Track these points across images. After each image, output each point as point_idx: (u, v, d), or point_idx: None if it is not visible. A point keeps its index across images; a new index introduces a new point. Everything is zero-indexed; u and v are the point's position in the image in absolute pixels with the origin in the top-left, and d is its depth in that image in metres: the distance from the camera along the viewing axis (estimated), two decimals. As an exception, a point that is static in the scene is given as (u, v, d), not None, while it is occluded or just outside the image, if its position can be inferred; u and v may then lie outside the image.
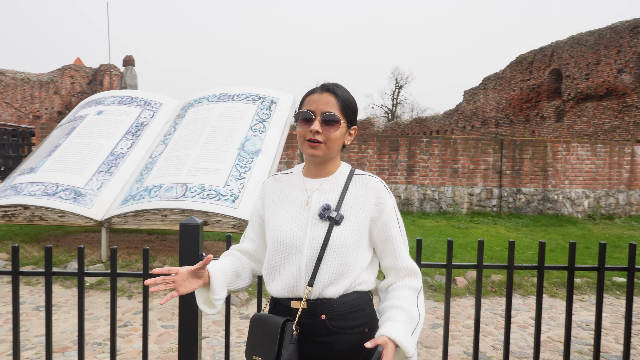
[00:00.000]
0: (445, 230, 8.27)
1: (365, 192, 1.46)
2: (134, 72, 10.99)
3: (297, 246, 1.42)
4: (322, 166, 1.49)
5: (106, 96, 7.45)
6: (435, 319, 4.46)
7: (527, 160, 10.51)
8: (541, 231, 8.77)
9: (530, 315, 4.62)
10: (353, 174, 1.51)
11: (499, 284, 5.46)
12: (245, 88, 6.82)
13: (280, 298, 1.46)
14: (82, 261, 2.03)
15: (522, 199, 10.54)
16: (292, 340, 1.36)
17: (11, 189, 6.02)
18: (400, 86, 42.88)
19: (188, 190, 5.41)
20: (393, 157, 10.34)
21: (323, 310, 1.40)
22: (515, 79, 19.18)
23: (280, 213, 1.49)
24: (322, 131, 1.41)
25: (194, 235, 1.87)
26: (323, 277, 1.40)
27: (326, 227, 1.42)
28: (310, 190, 1.49)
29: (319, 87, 1.47)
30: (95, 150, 6.35)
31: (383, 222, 1.45)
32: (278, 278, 1.46)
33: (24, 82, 23.32)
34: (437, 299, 4.98)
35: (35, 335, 3.85)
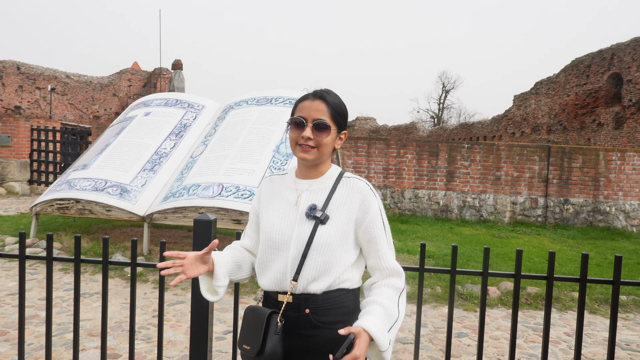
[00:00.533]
0: (484, 239, 8.08)
1: (351, 194, 1.53)
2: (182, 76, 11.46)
3: (285, 243, 1.52)
4: (312, 168, 1.58)
5: (154, 98, 7.83)
6: (462, 328, 4.40)
7: (577, 169, 10.07)
8: (589, 244, 8.39)
9: (564, 331, 4.46)
10: (342, 176, 1.58)
11: (534, 297, 5.29)
12: (283, 92, 6.99)
13: (269, 291, 1.56)
14: (135, 253, 2.19)
15: (569, 210, 10.11)
16: (276, 331, 1.44)
17: (66, 184, 6.46)
18: (447, 90, 42.05)
19: (224, 189, 5.61)
20: (432, 162, 10.20)
21: (307, 304, 1.48)
22: (570, 83, 18.37)
23: (272, 212, 1.58)
24: (313, 137, 1.49)
25: (207, 231, 1.99)
26: (307, 273, 1.48)
27: (312, 225, 1.50)
28: (300, 190, 1.57)
29: (310, 94, 1.54)
30: (141, 150, 6.70)
31: (367, 223, 1.51)
32: (267, 272, 1.55)
33: (86, 85, 24.77)
34: (467, 308, 4.91)
35: (80, 320, 4.15)
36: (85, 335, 3.85)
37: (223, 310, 4.53)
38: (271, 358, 1.43)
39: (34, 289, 4.93)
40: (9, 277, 5.27)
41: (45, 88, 23.04)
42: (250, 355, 1.46)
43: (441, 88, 42.45)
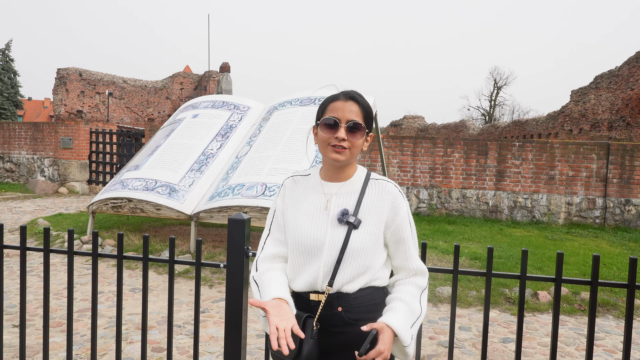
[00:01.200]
0: (536, 241, 7.75)
1: (381, 196, 1.54)
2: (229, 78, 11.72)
3: (317, 248, 1.51)
4: (341, 170, 1.56)
5: (202, 101, 8.07)
6: (509, 333, 4.24)
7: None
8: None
9: (621, 340, 4.21)
10: (369, 178, 1.58)
11: (587, 302, 5.03)
12: (326, 92, 7.00)
13: (301, 292, 1.56)
14: (173, 250, 2.27)
15: (632, 211, 9.51)
16: (312, 335, 1.45)
17: (119, 184, 6.78)
18: (500, 87, 40.63)
19: (267, 189, 5.70)
20: (481, 161, 9.88)
21: (340, 302, 1.50)
22: (635, 76, 17.28)
23: (300, 215, 1.56)
24: (347, 138, 1.48)
25: (241, 230, 2.02)
26: (342, 278, 1.50)
27: (345, 231, 1.50)
28: (328, 194, 1.56)
29: (341, 95, 1.53)
30: (189, 151, 6.92)
31: (397, 225, 1.53)
32: (300, 276, 1.55)
33: (141, 89, 25.88)
34: (514, 313, 4.73)
35: (128, 314, 4.34)
36: (134, 328, 4.02)
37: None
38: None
39: (89, 284, 5.21)
40: (64, 272, 5.60)
41: (104, 93, 24.28)
42: (286, 358, 1.45)
43: (493, 84, 41.12)
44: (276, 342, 1.32)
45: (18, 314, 4.20)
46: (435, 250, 6.63)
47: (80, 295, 4.81)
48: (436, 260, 6.18)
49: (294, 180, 1.66)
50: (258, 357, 3.54)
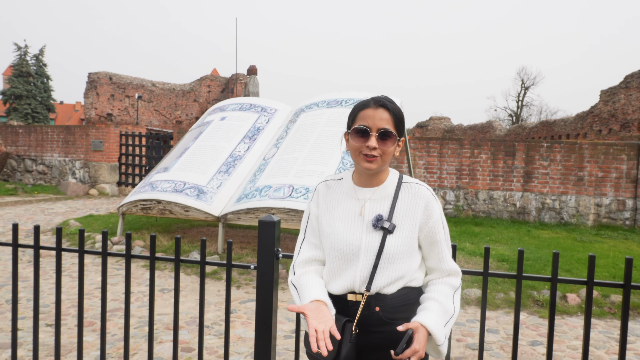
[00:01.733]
0: (564, 243, 7.61)
1: (414, 200, 1.56)
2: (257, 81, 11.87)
3: (354, 253, 1.54)
4: (373, 176, 1.58)
5: (229, 103, 8.21)
6: (537, 335, 4.20)
7: (672, 168, 9.19)
8: (687, 251, 7.63)
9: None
10: (402, 182, 1.60)
11: (618, 306, 4.93)
12: (353, 93, 7.04)
13: (339, 294, 1.59)
14: (204, 252, 2.35)
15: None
16: (351, 339, 1.48)
17: (148, 186, 6.96)
18: (527, 87, 39.86)
19: (294, 191, 5.77)
20: (509, 162, 9.76)
21: (377, 303, 1.53)
22: (667, 75, 16.76)
23: (335, 221, 1.59)
24: (378, 146, 1.48)
25: (271, 232, 2.08)
26: (379, 282, 1.53)
27: (380, 236, 1.53)
28: (362, 200, 1.58)
29: (371, 102, 1.53)
30: (217, 153, 7.05)
31: (430, 227, 1.56)
32: (337, 280, 1.58)
33: (170, 92, 26.39)
34: (542, 315, 4.68)
35: (157, 314, 4.45)
36: (163, 328, 4.13)
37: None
38: None
39: (119, 284, 5.35)
40: (98, 272, 5.77)
41: (133, 96, 24.86)
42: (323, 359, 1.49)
43: (520, 85, 40.37)
44: (315, 344, 1.34)
45: (50, 313, 4.34)
46: (463, 252, 6.59)
47: (111, 296, 4.93)
48: (463, 262, 6.14)
49: (327, 185, 1.67)
50: (286, 358, 3.60)
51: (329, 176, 1.73)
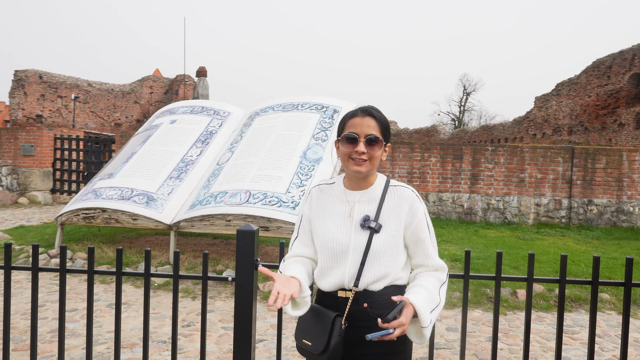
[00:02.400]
0: (509, 242, 7.98)
1: (399, 201, 1.68)
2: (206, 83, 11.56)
3: (343, 252, 1.66)
4: (362, 180, 1.70)
5: (179, 106, 7.92)
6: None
7: (600, 169, 9.91)
8: (614, 244, 8.22)
9: (596, 332, 4.39)
10: (389, 185, 1.72)
11: (565, 301, 5.21)
12: (309, 97, 7.01)
13: (329, 291, 1.70)
14: (149, 263, 2.22)
15: (593, 211, 9.94)
16: (340, 332, 1.60)
17: (92, 193, 6.56)
18: (468, 93, 41.71)
19: (251, 196, 5.64)
20: (457, 165, 10.12)
21: (365, 299, 1.64)
22: (592, 84, 18.09)
23: (327, 222, 1.71)
24: (366, 151, 1.62)
25: (250, 241, 2.00)
26: (366, 278, 1.64)
27: (367, 235, 1.64)
28: (352, 202, 1.70)
29: (359, 111, 1.67)
30: (167, 158, 6.77)
31: (415, 226, 1.67)
32: (327, 277, 1.69)
33: (108, 93, 25.19)
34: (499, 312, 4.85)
35: (107, 331, 4.15)
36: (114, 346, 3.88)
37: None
38: (334, 355, 1.58)
39: (57, 301, 4.96)
40: (38, 289, 5.35)
41: (67, 96, 23.49)
42: (313, 351, 1.62)
43: (462, 90, 42.15)
44: (273, 300, 1.46)
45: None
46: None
47: (52, 314, 4.52)
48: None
49: (320, 189, 1.80)
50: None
51: (322, 181, 1.84)
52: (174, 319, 2.22)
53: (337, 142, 1.71)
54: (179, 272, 2.22)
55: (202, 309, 2.18)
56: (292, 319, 4.55)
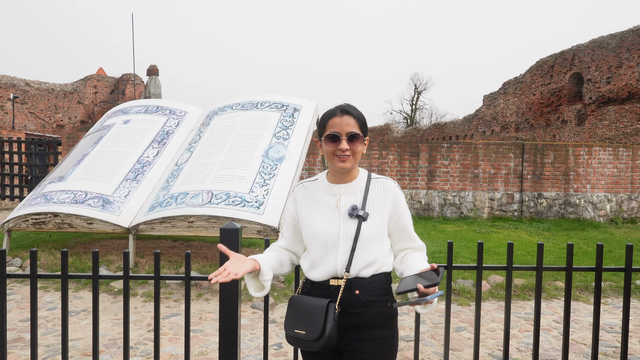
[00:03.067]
0: (467, 235, 8.24)
1: (383, 192, 1.79)
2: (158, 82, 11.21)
3: (334, 241, 1.73)
4: (347, 174, 1.80)
5: (132, 105, 7.64)
6: (460, 322, 4.47)
7: (549, 164, 10.42)
8: (563, 235, 8.68)
9: (553, 319, 4.61)
10: (371, 178, 1.83)
11: (521, 288, 5.44)
12: (269, 96, 6.94)
13: (321, 280, 1.75)
14: (97, 264, 2.14)
15: (543, 204, 10.44)
16: (334, 317, 1.66)
17: (41, 197, 6.21)
18: (420, 92, 42.74)
19: (214, 197, 5.52)
20: (414, 162, 10.35)
21: (357, 286, 1.72)
22: (536, 83, 19.01)
23: (315, 215, 1.78)
24: (349, 147, 1.72)
25: (234, 239, 1.96)
26: (358, 264, 1.71)
27: (356, 223, 1.73)
28: (337, 194, 1.79)
29: (337, 111, 1.75)
30: (122, 159, 6.51)
31: (399, 215, 1.80)
32: (319, 267, 1.75)
33: (48, 93, 23.93)
34: (460, 303, 4.99)
35: (69, 339, 3.97)
36: (79, 355, 3.70)
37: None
38: (330, 340, 1.63)
39: (13, 310, 4.71)
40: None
41: (2, 97, 22.13)
42: (308, 339, 1.64)
43: (413, 89, 43.11)
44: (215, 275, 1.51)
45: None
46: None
47: (7, 325, 4.32)
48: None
49: (304, 186, 1.88)
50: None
51: (305, 180, 1.92)
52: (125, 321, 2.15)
53: (320, 141, 1.81)
54: (129, 273, 2.14)
55: (155, 309, 2.10)
56: (261, 318, 4.49)
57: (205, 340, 3.98)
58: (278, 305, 4.87)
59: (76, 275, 2.20)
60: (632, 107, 14.95)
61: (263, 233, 5.34)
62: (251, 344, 3.91)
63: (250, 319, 4.49)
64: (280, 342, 3.93)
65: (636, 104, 14.83)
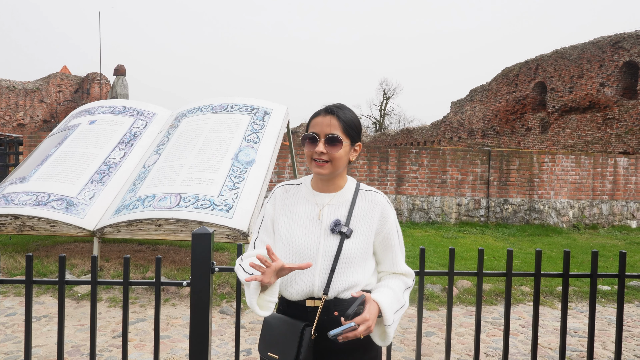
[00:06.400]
0: (435, 240, 8.37)
1: (371, 207, 1.61)
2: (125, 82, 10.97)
3: (311, 257, 1.56)
4: (330, 182, 1.62)
5: (99, 106, 7.44)
6: (428, 327, 4.52)
7: (514, 171, 10.72)
8: (528, 241, 8.93)
9: (519, 323, 4.71)
10: (359, 189, 1.65)
11: (488, 293, 5.55)
12: (239, 99, 6.88)
13: (296, 301, 1.60)
14: (64, 269, 2.07)
15: (509, 209, 10.72)
16: (310, 344, 1.51)
17: (2, 199, 5.97)
18: (388, 97, 43.26)
19: (182, 200, 5.43)
20: (383, 167, 10.45)
21: (336, 307, 1.55)
22: (501, 91, 19.53)
23: (293, 225, 1.61)
24: (326, 151, 1.53)
25: (206, 244, 1.92)
26: (337, 286, 1.56)
27: (337, 240, 1.56)
28: (321, 204, 1.61)
29: (322, 110, 1.58)
30: (87, 160, 6.33)
31: (385, 233, 1.61)
32: (294, 285, 1.59)
33: (8, 90, 23.06)
34: (429, 308, 5.06)
35: (33, 346, 3.81)
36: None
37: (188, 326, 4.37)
38: None
39: (-29, 316, 4.51)
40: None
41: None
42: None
43: (382, 95, 43.60)
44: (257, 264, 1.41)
45: None
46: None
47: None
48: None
49: (285, 189, 1.70)
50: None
51: (287, 181, 1.74)
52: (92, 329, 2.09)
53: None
54: (97, 278, 2.08)
55: (124, 315, 2.05)
56: (230, 323, 4.43)
57: (172, 346, 3.90)
58: (247, 311, 4.82)
59: (42, 280, 2.11)
60: (592, 116, 15.56)
61: (232, 237, 5.28)
62: (219, 350, 3.85)
63: (218, 324, 4.42)
64: (250, 348, 3.89)
65: (597, 113, 15.44)
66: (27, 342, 2.08)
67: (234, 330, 4.27)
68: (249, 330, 4.30)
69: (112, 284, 2.09)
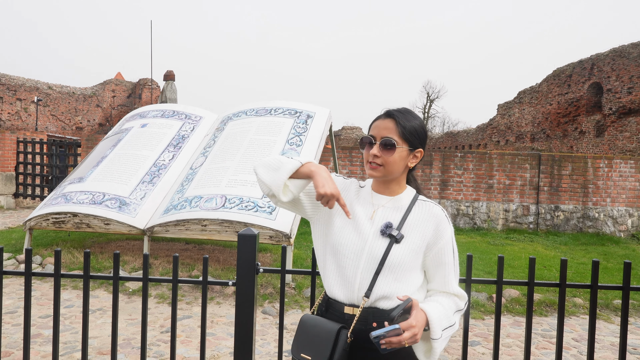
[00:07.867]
0: (480, 247, 8.16)
1: (427, 217, 1.55)
2: (174, 87, 11.37)
3: (356, 254, 1.53)
4: (386, 185, 1.61)
5: (150, 110, 7.75)
6: (473, 336, 4.42)
7: (566, 176, 10.28)
8: (581, 250, 8.53)
9: (572, 337, 4.52)
10: (417, 199, 1.60)
11: (538, 303, 5.35)
12: (282, 102, 6.99)
13: (336, 301, 1.56)
14: (118, 266, 2.17)
15: (560, 217, 10.29)
16: (345, 347, 1.46)
17: (62, 197, 6.32)
18: (432, 99, 42.59)
19: (227, 201, 5.56)
20: (426, 171, 10.30)
21: (375, 318, 1.49)
22: (553, 92, 18.80)
23: (347, 219, 1.59)
24: (380, 155, 1.52)
25: (251, 245, 1.96)
26: (379, 290, 1.50)
27: (386, 243, 1.52)
28: (376, 205, 1.60)
29: (383, 114, 1.58)
30: (139, 162, 6.61)
31: (439, 249, 1.53)
32: (334, 278, 1.57)
33: (69, 96, 24.40)
34: (474, 317, 4.94)
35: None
36: (95, 353, 3.76)
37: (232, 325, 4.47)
38: None
39: (32, 307, 4.80)
40: (5, 295, 5.12)
41: (26, 99, 22.61)
42: None
43: (426, 97, 42.98)
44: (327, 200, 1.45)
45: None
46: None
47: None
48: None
49: (358, 184, 1.69)
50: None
51: (361, 180, 1.74)
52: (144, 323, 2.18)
53: None
54: (148, 275, 2.17)
55: (172, 312, 2.12)
56: (272, 324, 4.49)
57: (217, 344, 4.00)
58: (288, 312, 4.87)
59: (98, 275, 2.23)
60: (652, 119, 14.71)
61: (275, 239, 5.35)
62: (262, 349, 3.91)
63: (261, 324, 4.50)
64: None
65: (657, 117, 14.58)
66: (84, 333, 2.20)
67: (276, 331, 4.34)
68: (291, 332, 4.35)
69: (162, 281, 2.18)
